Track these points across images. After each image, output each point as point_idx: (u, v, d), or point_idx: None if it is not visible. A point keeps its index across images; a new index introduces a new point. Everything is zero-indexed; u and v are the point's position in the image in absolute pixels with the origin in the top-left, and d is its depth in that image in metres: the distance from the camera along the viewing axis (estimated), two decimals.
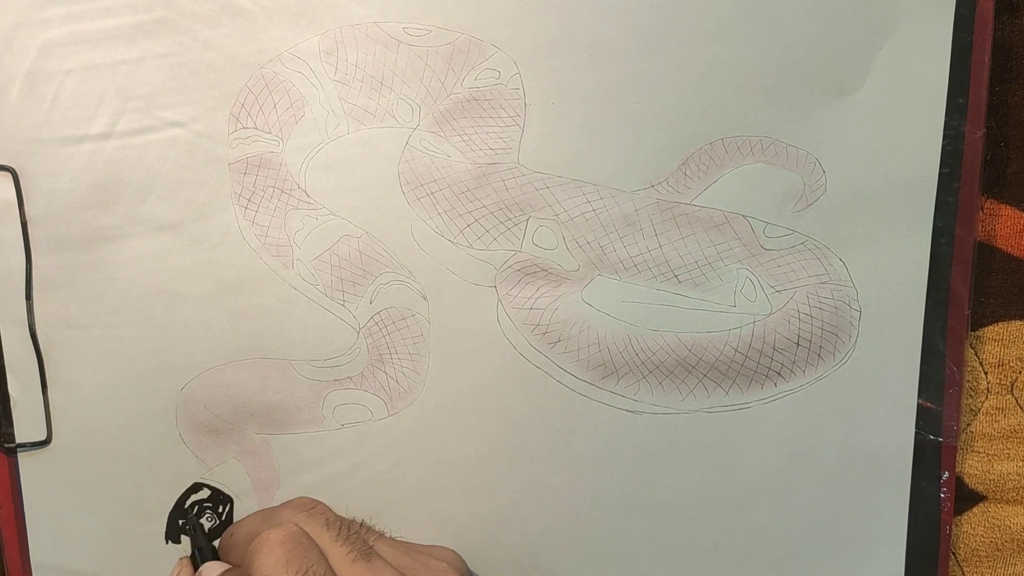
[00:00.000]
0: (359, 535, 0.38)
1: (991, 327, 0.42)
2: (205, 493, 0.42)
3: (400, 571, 0.37)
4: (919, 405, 0.41)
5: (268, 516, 0.39)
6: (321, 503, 0.40)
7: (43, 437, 0.41)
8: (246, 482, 0.42)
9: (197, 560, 0.41)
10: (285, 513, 0.39)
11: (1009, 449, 0.43)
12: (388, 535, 0.40)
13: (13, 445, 0.41)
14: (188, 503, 0.42)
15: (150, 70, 0.40)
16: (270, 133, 0.40)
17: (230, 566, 0.39)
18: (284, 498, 0.42)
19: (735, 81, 0.40)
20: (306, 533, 0.36)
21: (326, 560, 0.36)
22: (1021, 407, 0.43)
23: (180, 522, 0.42)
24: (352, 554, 0.37)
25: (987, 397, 0.43)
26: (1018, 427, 0.43)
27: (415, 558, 0.39)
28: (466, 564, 0.41)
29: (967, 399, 0.43)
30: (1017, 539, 0.43)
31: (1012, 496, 0.43)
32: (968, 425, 0.43)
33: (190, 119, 0.40)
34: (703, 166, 0.40)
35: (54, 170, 0.40)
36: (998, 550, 0.44)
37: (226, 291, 0.41)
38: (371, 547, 0.38)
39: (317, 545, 0.36)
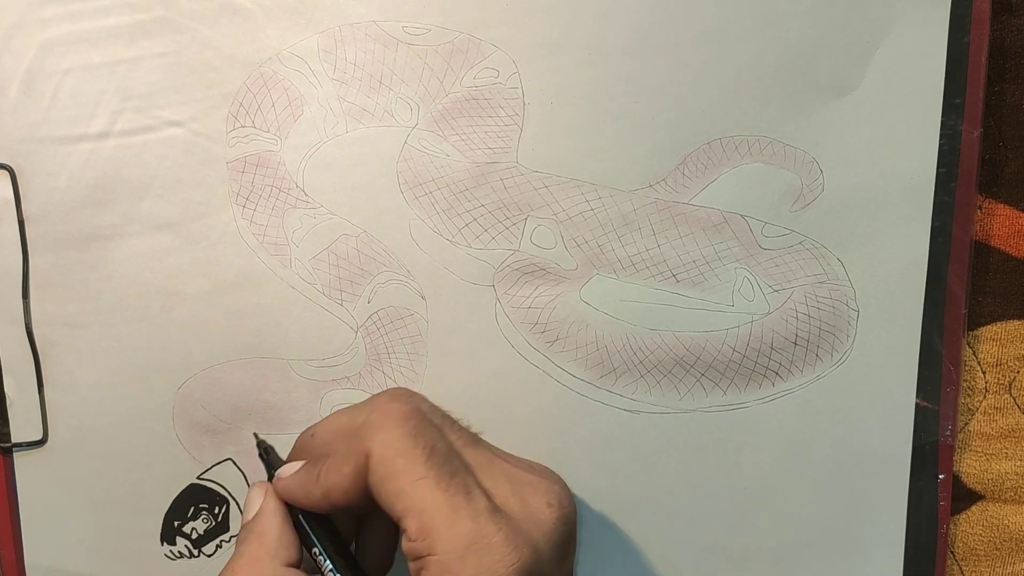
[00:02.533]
0: (460, 425, 0.36)
1: (989, 327, 0.42)
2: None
3: (510, 464, 0.35)
4: (916, 404, 0.41)
5: (358, 409, 0.36)
6: (419, 394, 0.37)
7: (39, 436, 0.41)
8: (243, 482, 0.42)
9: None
10: (380, 402, 0.35)
11: (1007, 448, 0.43)
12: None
13: (9, 444, 0.41)
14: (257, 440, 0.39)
15: (148, 69, 0.40)
16: (268, 132, 0.40)
17: (304, 462, 0.36)
18: None
19: (733, 81, 0.40)
20: (426, 411, 0.35)
21: (446, 439, 0.34)
22: (1019, 406, 0.43)
23: (256, 439, 0.39)
24: (461, 440, 0.35)
25: (985, 396, 0.43)
26: (1016, 426, 0.43)
27: (519, 460, 0.37)
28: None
29: (965, 398, 0.43)
30: (1015, 538, 0.43)
31: (1010, 495, 0.43)
32: (966, 424, 0.43)
33: (188, 118, 0.40)
34: (701, 166, 0.40)
35: (52, 169, 0.40)
36: (996, 549, 0.43)
37: (224, 290, 0.41)
38: (476, 437, 0.36)
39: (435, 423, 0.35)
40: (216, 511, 0.42)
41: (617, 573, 0.42)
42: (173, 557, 0.42)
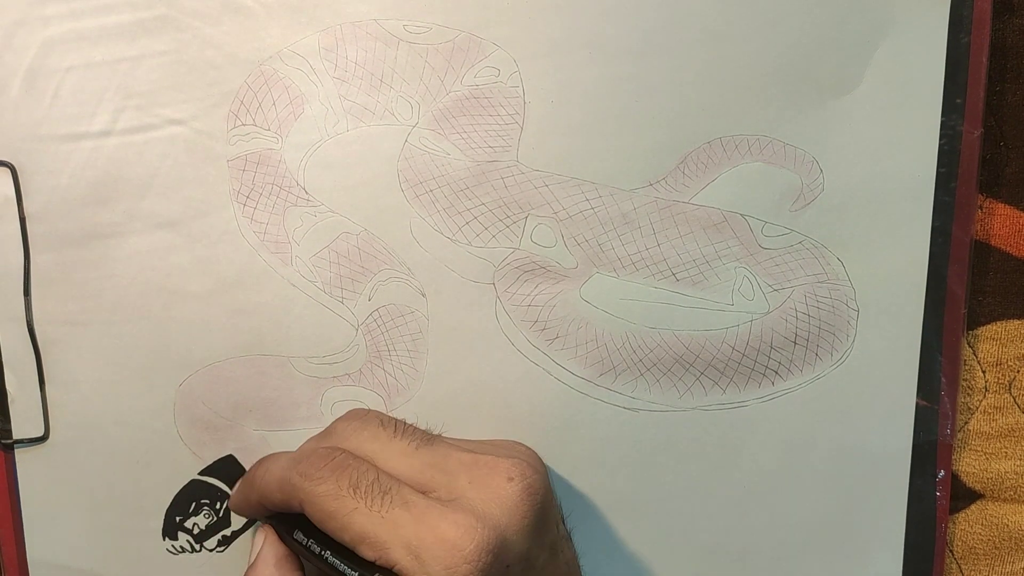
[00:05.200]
0: (415, 428, 0.38)
1: (988, 326, 0.42)
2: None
3: (468, 450, 0.37)
4: (916, 404, 0.42)
5: (320, 437, 0.39)
6: (374, 410, 0.40)
7: (40, 433, 0.41)
8: None
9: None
10: (338, 427, 0.38)
11: (1007, 448, 0.43)
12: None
13: (10, 441, 0.41)
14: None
15: (150, 67, 0.40)
16: (269, 130, 0.40)
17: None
18: None
19: (733, 80, 0.40)
20: (346, 453, 0.36)
21: (375, 467, 0.36)
22: (1019, 406, 0.43)
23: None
24: (413, 444, 0.37)
25: (984, 396, 0.43)
26: (1016, 426, 0.43)
27: (481, 445, 0.39)
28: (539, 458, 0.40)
29: (964, 398, 0.43)
30: (1014, 537, 0.43)
31: (1010, 495, 0.43)
32: (966, 423, 0.43)
33: (190, 116, 0.40)
34: (701, 165, 0.41)
35: (54, 167, 0.40)
36: (996, 548, 0.44)
37: (225, 288, 0.41)
38: (431, 435, 0.38)
39: (362, 460, 0.36)
40: (217, 506, 0.42)
41: (616, 572, 0.42)
42: (175, 552, 0.43)
